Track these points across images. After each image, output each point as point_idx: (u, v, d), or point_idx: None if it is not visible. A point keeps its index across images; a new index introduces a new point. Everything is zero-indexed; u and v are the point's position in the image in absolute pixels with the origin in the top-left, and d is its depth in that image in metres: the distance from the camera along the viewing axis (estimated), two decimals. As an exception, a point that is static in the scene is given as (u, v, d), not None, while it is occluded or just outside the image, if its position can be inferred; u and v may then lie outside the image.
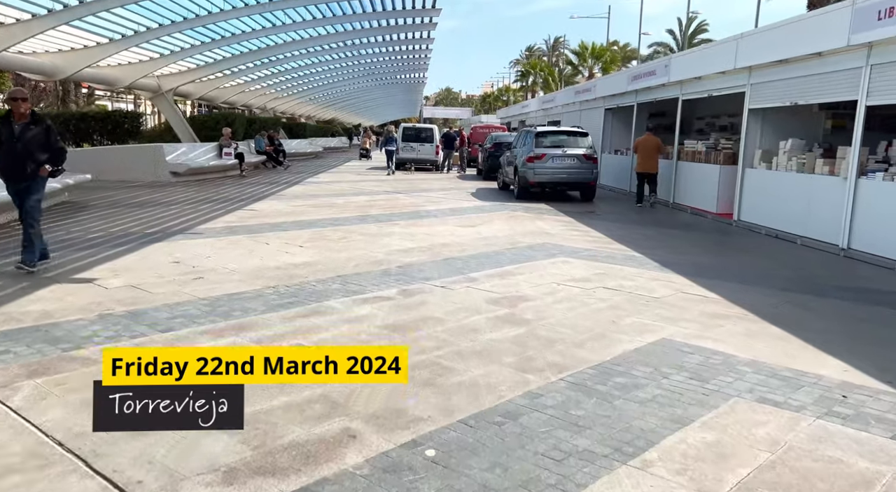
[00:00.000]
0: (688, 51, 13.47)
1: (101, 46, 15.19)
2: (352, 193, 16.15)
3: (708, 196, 12.66)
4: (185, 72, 20.39)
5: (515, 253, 8.47)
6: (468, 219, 11.86)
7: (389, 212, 12.56)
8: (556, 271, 7.34)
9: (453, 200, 15.25)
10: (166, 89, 20.02)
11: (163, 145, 16.72)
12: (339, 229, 10.08)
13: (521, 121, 37.81)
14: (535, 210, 13.46)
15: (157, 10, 14.35)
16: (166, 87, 20.01)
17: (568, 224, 11.44)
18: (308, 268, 7.18)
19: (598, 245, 9.25)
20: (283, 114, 40.52)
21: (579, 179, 15.09)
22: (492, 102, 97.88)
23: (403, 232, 10.02)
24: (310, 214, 11.69)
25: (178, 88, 20.59)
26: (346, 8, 17.82)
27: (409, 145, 25.63)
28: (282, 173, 22.05)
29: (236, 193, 14.98)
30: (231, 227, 9.94)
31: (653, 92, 15.78)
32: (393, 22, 20.27)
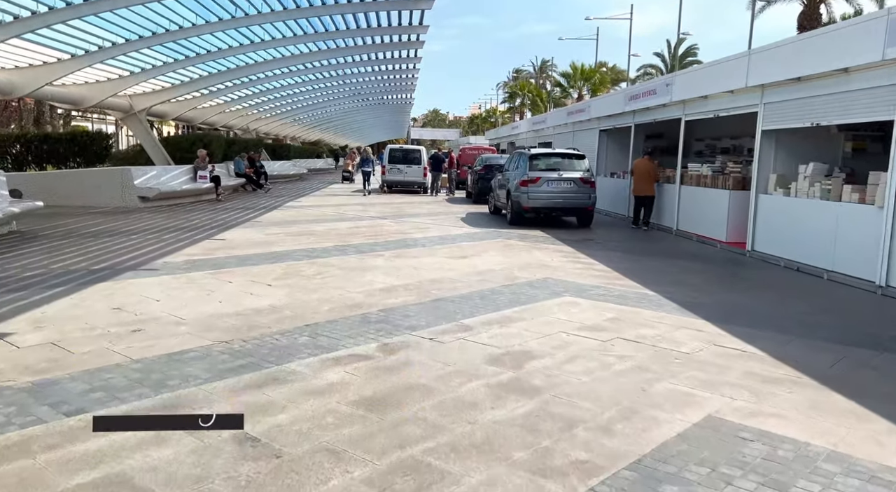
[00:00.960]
0: (692, 68, 12.70)
1: (63, 63, 14.17)
2: (334, 218, 15.12)
3: (716, 224, 11.77)
4: (158, 91, 19.37)
5: (515, 291, 7.45)
6: (459, 249, 10.86)
7: (373, 240, 11.53)
8: (564, 316, 6.31)
9: (442, 226, 14.27)
10: (139, 109, 18.98)
11: (130, 168, 15.63)
12: (316, 263, 9.02)
13: (510, 142, 37.11)
14: (531, 238, 12.49)
15: (124, 24, 13.38)
16: (139, 107, 18.98)
17: (568, 255, 10.46)
18: (273, 314, 6.10)
19: (606, 280, 8.26)
20: (267, 135, 39.57)
21: (576, 204, 14.17)
22: (480, 124, 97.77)
23: (388, 265, 8.98)
24: (285, 244, 10.63)
25: (151, 108, 19.56)
26: (328, 24, 16.95)
27: (397, 167, 24.73)
28: (261, 197, 20.98)
29: (207, 220, 13.89)
30: (193, 261, 8.85)
31: (652, 112, 14.99)
32: (379, 39, 19.45)
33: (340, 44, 19.21)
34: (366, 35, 18.09)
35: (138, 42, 14.23)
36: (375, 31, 17.55)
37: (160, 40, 14.35)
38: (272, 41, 17.15)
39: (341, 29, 17.21)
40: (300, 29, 16.86)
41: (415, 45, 20.05)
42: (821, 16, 32.52)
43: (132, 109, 18.86)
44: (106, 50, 14.16)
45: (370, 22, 16.97)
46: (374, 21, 16.89)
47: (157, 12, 13.34)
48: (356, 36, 18.03)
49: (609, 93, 29.28)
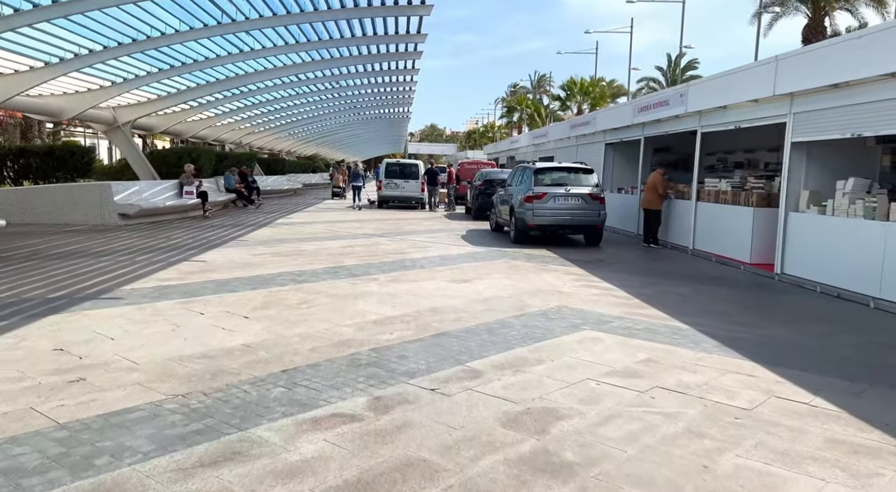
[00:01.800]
0: (710, 77, 11.88)
1: (35, 71, 13.31)
2: (326, 236, 14.20)
3: (739, 244, 10.88)
4: (144, 103, 18.52)
5: (526, 324, 6.51)
6: (461, 271, 9.94)
7: (368, 261, 10.61)
8: (588, 357, 5.38)
9: (442, 244, 13.35)
10: (123, 122, 18.12)
11: (110, 184, 14.72)
12: (302, 288, 8.08)
13: (509, 157, 36.37)
14: (538, 258, 11.59)
15: (101, 30, 12.54)
16: (123, 120, 18.11)
17: (580, 278, 9.54)
18: (245, 356, 5.16)
19: (628, 310, 7.33)
20: (262, 149, 38.78)
21: (585, 221, 13.29)
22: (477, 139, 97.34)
23: (382, 291, 8.05)
24: (270, 267, 9.69)
25: (136, 121, 18.70)
26: (321, 33, 16.15)
27: (393, 182, 23.91)
28: (252, 213, 20.07)
29: (190, 239, 12.95)
30: (164, 287, 7.90)
31: (664, 125, 14.17)
32: (375, 49, 18.68)
33: (335, 53, 18.40)
34: (361, 44, 17.30)
35: (117, 49, 13.38)
36: (371, 39, 16.77)
37: (141, 48, 13.51)
38: (262, 50, 16.33)
39: (335, 37, 16.40)
40: (291, 37, 16.05)
41: (412, 56, 19.28)
42: (825, 28, 32.00)
43: (116, 122, 17.99)
44: (82, 57, 13.31)
45: (365, 30, 16.19)
46: (370, 29, 16.11)
47: (137, 17, 12.52)
48: (351, 44, 17.24)
49: (614, 105, 28.53)
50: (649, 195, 13.51)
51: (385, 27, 15.96)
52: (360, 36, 16.39)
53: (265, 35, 15.34)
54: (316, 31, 15.91)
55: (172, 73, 16.31)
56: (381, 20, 14.92)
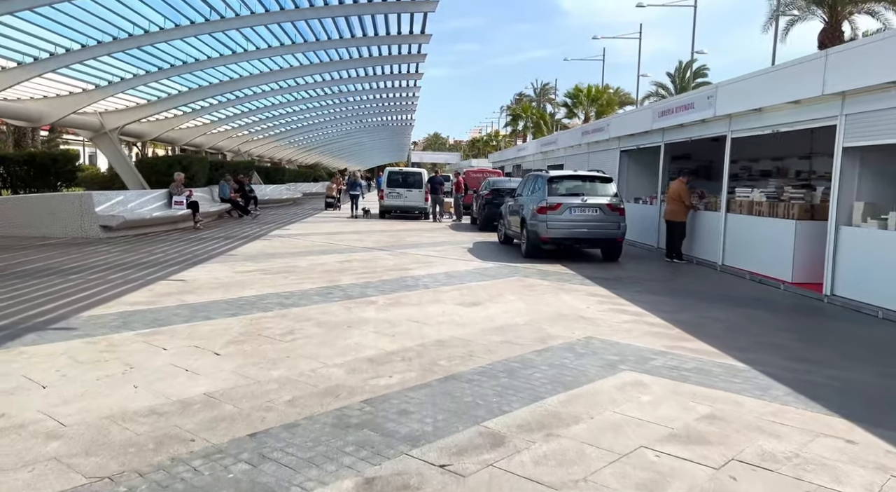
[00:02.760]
0: (743, 76, 10.87)
1: (7, 72, 12.33)
2: (322, 250, 13.16)
3: (778, 260, 9.79)
4: (132, 108, 17.57)
5: (552, 362, 5.44)
6: (470, 290, 8.87)
7: (366, 280, 9.55)
8: (636, 411, 4.30)
9: (448, 259, 12.30)
10: (110, 128, 17.15)
11: (91, 193, 13.72)
12: (289, 315, 7.02)
13: (515, 165, 35.37)
14: (554, 275, 10.52)
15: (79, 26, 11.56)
16: (110, 126, 17.15)
17: (605, 300, 8.46)
18: (206, 411, 4.10)
19: (668, 342, 6.25)
20: (262, 158, 37.87)
21: (603, 234, 12.22)
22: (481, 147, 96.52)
23: (381, 318, 6.98)
24: (256, 287, 8.64)
25: (124, 127, 17.73)
26: (319, 33, 15.18)
27: (396, 191, 22.92)
28: (247, 224, 19.06)
29: (174, 254, 11.91)
30: (129, 314, 6.84)
31: (687, 130, 13.12)
32: (377, 51, 17.70)
33: (334, 56, 17.44)
34: (362, 45, 16.32)
35: (97, 48, 12.42)
36: (372, 40, 15.80)
37: (123, 47, 12.55)
38: (256, 52, 15.37)
39: (333, 37, 15.44)
40: (287, 37, 15.07)
41: (416, 59, 18.31)
42: (843, 33, 31.00)
43: (103, 128, 17.03)
44: (59, 57, 12.35)
45: (366, 30, 15.22)
46: (371, 29, 15.13)
47: (117, 13, 11.54)
48: (351, 46, 16.28)
49: (632, 109, 27.47)
50: (672, 206, 12.45)
51: (387, 26, 14.97)
52: (360, 36, 15.42)
53: (258, 34, 14.37)
54: (313, 30, 14.94)
55: (160, 76, 15.35)
56: (382, 18, 13.92)
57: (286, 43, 15.25)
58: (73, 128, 17.34)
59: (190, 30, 12.56)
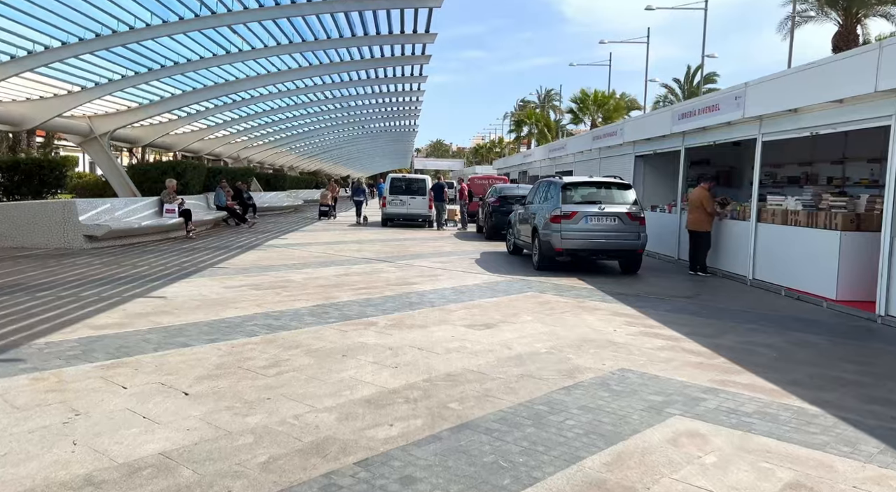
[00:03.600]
0: (777, 74, 10.03)
1: (-18, 70, 11.57)
2: (320, 261, 12.29)
3: (820, 275, 8.89)
4: (123, 112, 16.77)
5: (586, 403, 4.55)
6: (481, 309, 7.99)
7: (365, 296, 8.68)
8: (700, 479, 3.40)
9: (455, 272, 11.43)
10: (100, 133, 16.35)
11: (75, 201, 12.91)
12: (276, 340, 6.14)
13: (521, 171, 34.54)
14: (571, 290, 9.63)
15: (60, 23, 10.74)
16: (100, 131, 16.35)
17: (632, 320, 7.56)
18: (156, 481, 3.21)
19: (716, 376, 5.35)
20: (262, 164, 37.11)
21: (622, 245, 11.33)
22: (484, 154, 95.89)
23: (382, 345, 6.10)
24: (244, 305, 7.77)
25: (115, 132, 16.93)
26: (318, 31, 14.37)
27: (399, 198, 22.12)
28: (243, 233, 18.23)
29: (160, 266, 11.06)
30: (93, 340, 5.97)
31: (711, 133, 12.25)
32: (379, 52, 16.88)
33: (334, 57, 16.63)
34: (363, 44, 15.51)
35: (79, 46, 11.62)
36: (375, 39, 14.98)
37: (107, 44, 11.74)
38: (251, 52, 14.55)
39: (334, 37, 14.62)
40: (284, 36, 14.26)
41: (420, 60, 17.49)
42: (857, 36, 30.18)
43: (92, 133, 16.23)
44: (38, 55, 11.54)
45: (367, 28, 14.40)
46: (373, 27, 14.32)
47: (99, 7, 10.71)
48: (352, 46, 15.45)
49: (648, 112, 26.57)
50: (695, 215, 11.57)
51: (390, 25, 14.14)
52: (361, 35, 14.61)
53: (253, 33, 13.54)
54: (312, 29, 14.13)
55: (151, 77, 14.54)
56: (385, 15, 13.07)
57: (283, 42, 14.43)
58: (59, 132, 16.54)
59: (178, 26, 11.74)
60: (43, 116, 14.08)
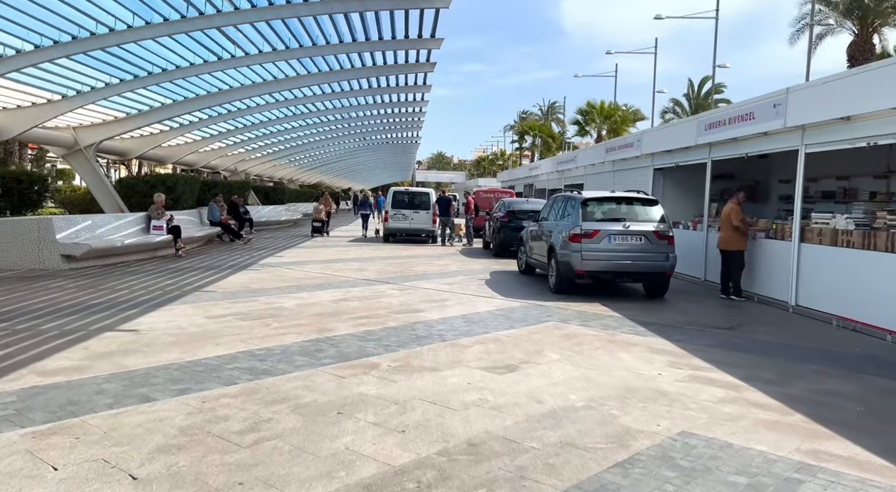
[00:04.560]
0: (824, 79, 9.05)
1: (-55, 76, 10.64)
2: (316, 284, 11.26)
3: (883, 305, 7.84)
4: (110, 122, 15.84)
5: (649, 488, 3.50)
6: (499, 344, 6.95)
7: (366, 327, 7.66)
8: None
9: (464, 295, 10.40)
10: (86, 145, 15.41)
11: (51, 218, 11.92)
12: (259, 391, 5.11)
13: (527, 184, 33.57)
14: (596, 319, 8.60)
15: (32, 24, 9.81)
16: (86, 142, 15.41)
17: (676, 359, 6.52)
18: None
19: (801, 441, 4.31)
20: (260, 177, 36.21)
21: (649, 267, 10.31)
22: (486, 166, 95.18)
23: (384, 397, 5.07)
24: (225, 341, 6.74)
25: (102, 144, 16.00)
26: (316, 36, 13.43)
27: (401, 213, 21.11)
28: (237, 250, 17.21)
29: (140, 290, 10.03)
30: (34, 392, 4.94)
31: (743, 144, 11.26)
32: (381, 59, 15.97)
33: (334, 65, 15.72)
34: (364, 51, 14.59)
35: (54, 49, 10.69)
36: (377, 45, 14.06)
37: (85, 47, 10.80)
38: (245, 58, 13.62)
39: (333, 42, 13.70)
40: (280, 41, 13.33)
41: (425, 68, 16.58)
42: (874, 46, 29.35)
43: (77, 144, 15.30)
44: (7, 60, 10.59)
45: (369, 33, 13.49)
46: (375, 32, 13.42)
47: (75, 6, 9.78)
48: (352, 51, 14.52)
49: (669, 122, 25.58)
50: (728, 233, 10.55)
51: (393, 29, 13.21)
52: (362, 41, 13.70)
53: (246, 37, 12.61)
54: (310, 33, 13.20)
55: (137, 85, 13.60)
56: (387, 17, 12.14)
57: (279, 47, 13.50)
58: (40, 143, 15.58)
59: (163, 28, 10.81)
60: (20, 127, 13.13)
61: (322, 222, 22.87)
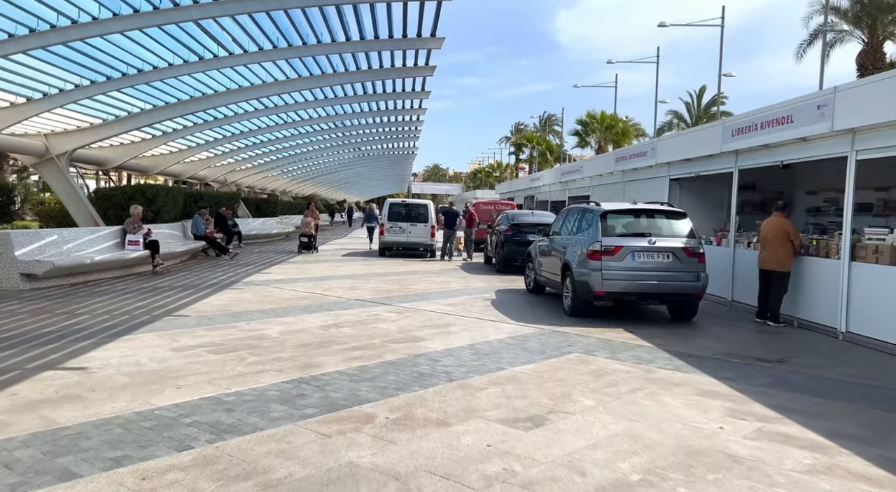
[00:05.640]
0: (878, 77, 7.96)
1: None
2: (304, 305, 10.10)
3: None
4: (85, 129, 14.70)
5: None
6: (517, 385, 5.80)
7: (359, 362, 6.51)
8: None
9: (470, 319, 9.26)
10: (58, 153, 14.26)
11: (9, 232, 10.75)
12: (219, 460, 3.95)
13: (528, 196, 32.57)
14: (624, 349, 7.46)
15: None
16: (58, 150, 14.26)
17: (735, 405, 5.38)
18: None
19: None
20: (251, 189, 35.07)
21: (678, 288, 9.19)
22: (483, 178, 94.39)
23: (381, 469, 3.91)
24: (189, 382, 5.57)
25: (76, 152, 14.85)
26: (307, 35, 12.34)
27: (398, 225, 20.02)
28: (222, 266, 16.03)
29: (103, 315, 8.84)
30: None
31: (778, 151, 10.21)
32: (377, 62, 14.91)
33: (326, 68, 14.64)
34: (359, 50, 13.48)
35: (8, 44, 9.52)
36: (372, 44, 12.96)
37: (44, 42, 9.66)
38: (228, 58, 12.51)
39: (325, 41, 12.64)
40: (267, 40, 12.23)
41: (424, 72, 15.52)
42: (885, 54, 28.57)
43: (48, 153, 14.15)
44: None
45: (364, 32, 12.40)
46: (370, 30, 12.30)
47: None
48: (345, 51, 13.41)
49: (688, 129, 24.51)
50: (778, 251, 9.29)
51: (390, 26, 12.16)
52: (356, 40, 12.65)
53: (230, 35, 11.52)
54: (300, 32, 12.11)
55: (110, 88, 12.46)
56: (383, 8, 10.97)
57: (266, 47, 12.40)
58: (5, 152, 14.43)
59: (132, 21, 9.69)
60: (-23, 133, 12.01)
61: (310, 238, 20.35)
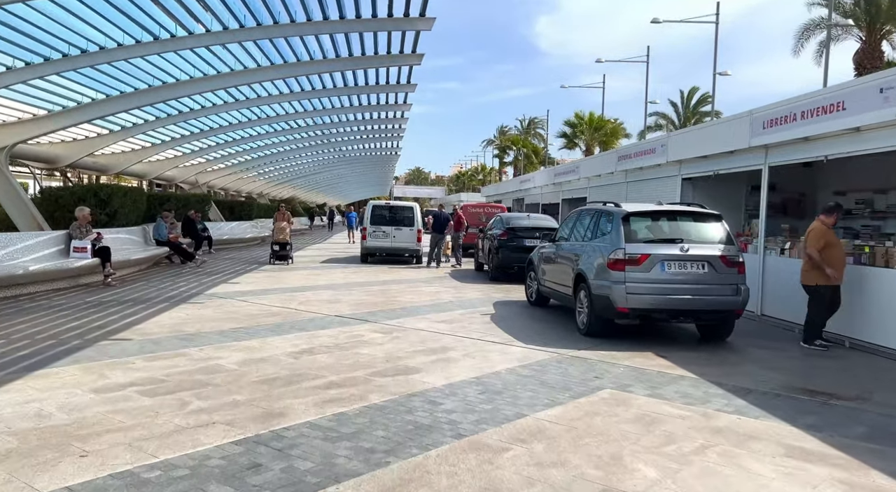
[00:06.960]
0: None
1: None
2: (273, 324, 8.55)
3: None
4: (27, 121, 12.98)
5: None
6: (548, 443, 4.37)
7: (336, 409, 5.05)
8: None
9: (469, 339, 7.81)
10: (-5, 148, 12.52)
11: (-80, 238, 9.05)
12: None
13: (516, 199, 31.26)
14: (665, 382, 6.06)
15: None
16: (-5, 145, 12.53)
17: (848, 474, 4.00)
18: None
19: None
20: (226, 191, 33.29)
21: (716, 304, 7.81)
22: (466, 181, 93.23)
23: None
24: (99, 444, 4.04)
25: (17, 148, 13.11)
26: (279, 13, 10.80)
27: (381, 230, 18.59)
28: (185, 275, 14.39)
29: (23, 339, 7.22)
30: None
31: (820, 144, 8.92)
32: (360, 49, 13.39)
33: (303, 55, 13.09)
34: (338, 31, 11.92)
35: None
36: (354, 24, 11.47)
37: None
38: (190, 38, 10.85)
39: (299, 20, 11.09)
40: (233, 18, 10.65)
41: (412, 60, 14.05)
42: (883, 53, 27.78)
43: (-16, 148, 12.41)
44: None
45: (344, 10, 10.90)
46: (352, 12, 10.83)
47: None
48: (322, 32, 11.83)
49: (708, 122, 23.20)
50: (804, 262, 8.02)
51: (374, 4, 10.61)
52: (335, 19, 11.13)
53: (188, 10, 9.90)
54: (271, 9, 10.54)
55: (48, 70, 10.73)
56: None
57: (232, 26, 10.83)
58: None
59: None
60: None
61: (284, 245, 17.19)
